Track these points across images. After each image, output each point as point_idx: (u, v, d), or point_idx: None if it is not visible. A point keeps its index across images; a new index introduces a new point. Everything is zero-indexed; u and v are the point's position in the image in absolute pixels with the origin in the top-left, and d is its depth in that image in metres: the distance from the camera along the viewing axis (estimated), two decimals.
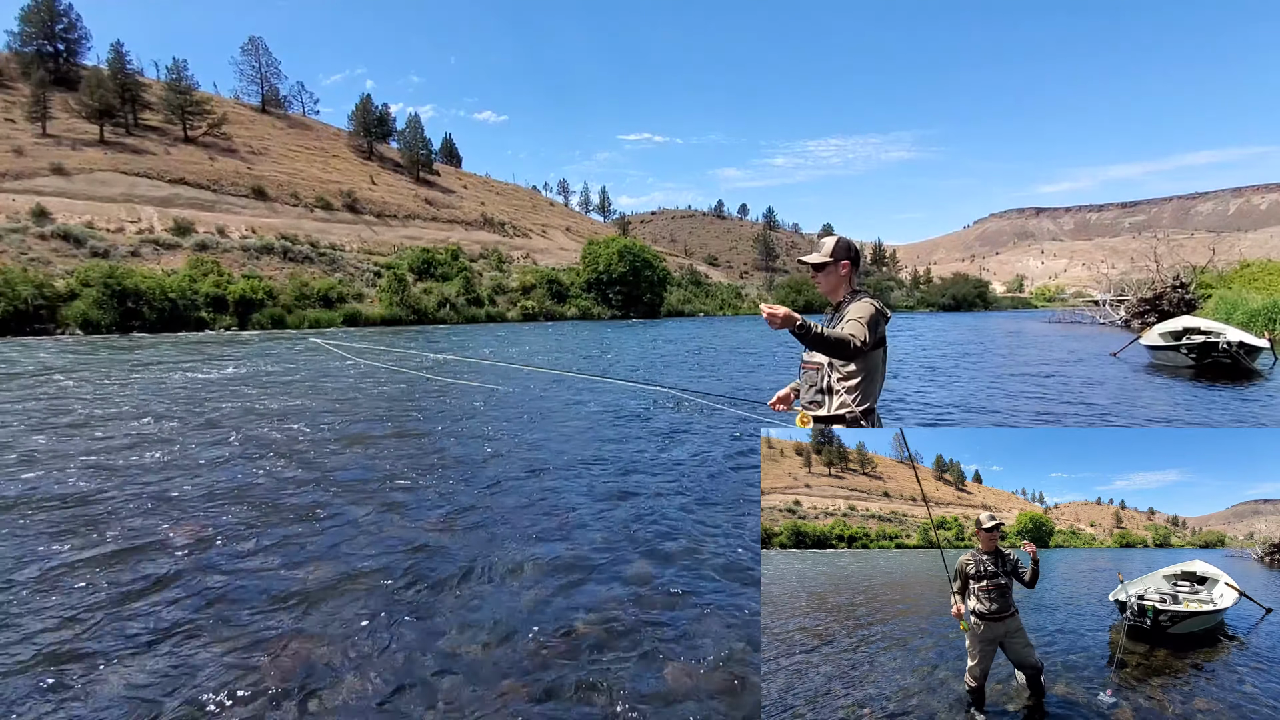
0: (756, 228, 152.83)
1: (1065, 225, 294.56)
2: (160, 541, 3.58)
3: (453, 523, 3.91)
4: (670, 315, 55.75)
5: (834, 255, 2.62)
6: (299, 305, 35.22)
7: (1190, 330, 12.75)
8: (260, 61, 74.47)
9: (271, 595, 2.96)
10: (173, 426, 6.78)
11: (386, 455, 5.59)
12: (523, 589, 3.03)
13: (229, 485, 4.66)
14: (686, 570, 3.24)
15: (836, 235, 2.67)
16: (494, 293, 47.55)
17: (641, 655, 2.46)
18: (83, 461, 5.25)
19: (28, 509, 4.10)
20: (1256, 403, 8.32)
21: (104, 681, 2.31)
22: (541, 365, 14.01)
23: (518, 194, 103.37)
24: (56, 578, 3.11)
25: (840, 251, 2.62)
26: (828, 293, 2.68)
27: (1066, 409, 7.91)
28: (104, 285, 27.25)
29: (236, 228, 44.29)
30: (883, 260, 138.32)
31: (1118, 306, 31.69)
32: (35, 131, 46.27)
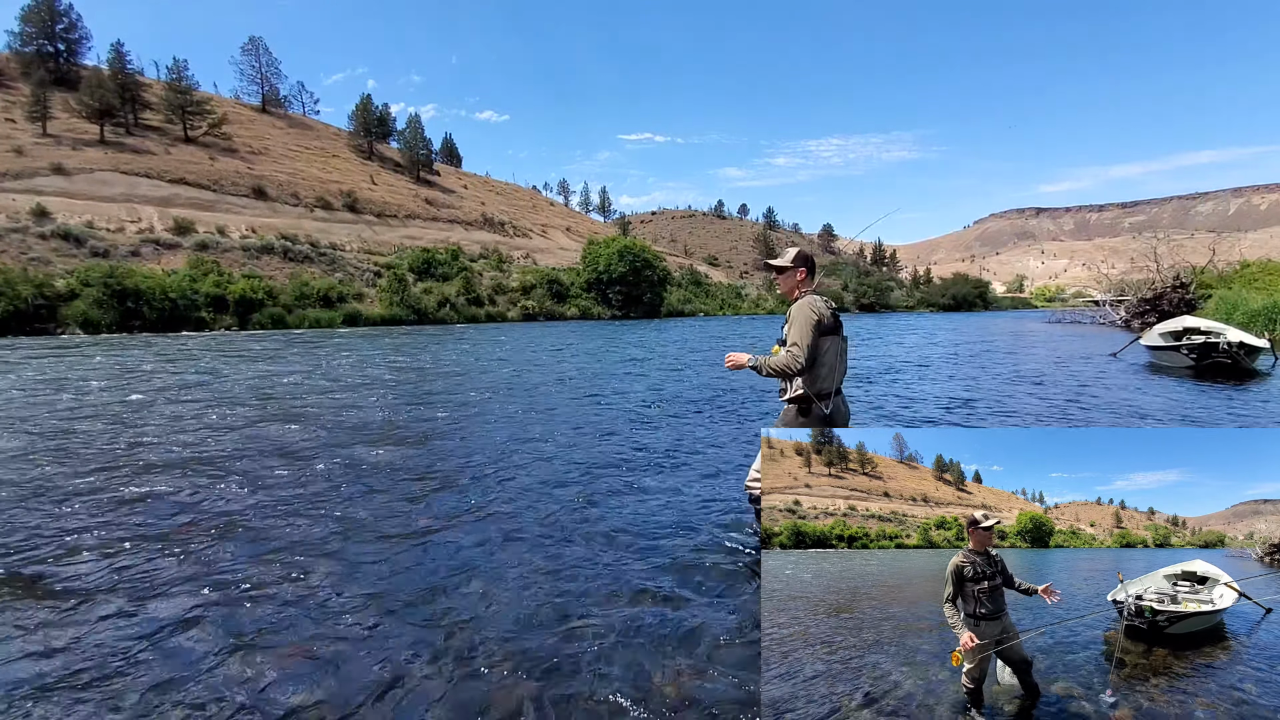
0: (756, 228, 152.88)
1: (1065, 225, 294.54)
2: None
3: (450, 521, 3.92)
4: (670, 315, 55.73)
5: (794, 262, 3.19)
6: (299, 305, 35.22)
7: (1190, 330, 12.73)
8: (260, 61, 74.46)
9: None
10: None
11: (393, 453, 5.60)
12: (520, 589, 3.03)
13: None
14: (686, 570, 3.24)
15: (798, 248, 3.30)
16: (494, 293, 47.54)
17: (640, 655, 2.46)
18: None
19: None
20: (1257, 403, 8.32)
21: (107, 680, 2.31)
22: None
23: (518, 194, 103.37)
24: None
25: (799, 260, 3.20)
26: (786, 291, 3.26)
27: (1067, 409, 7.91)
28: (104, 285, 27.25)
29: (237, 228, 44.29)
30: (883, 260, 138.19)
31: (1118, 306, 31.68)
32: (35, 131, 46.27)
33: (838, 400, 3.11)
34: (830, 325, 3.03)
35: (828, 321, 3.02)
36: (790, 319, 3.04)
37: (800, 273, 3.18)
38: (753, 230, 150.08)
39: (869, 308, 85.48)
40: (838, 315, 3.15)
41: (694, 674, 2.33)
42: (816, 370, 3.03)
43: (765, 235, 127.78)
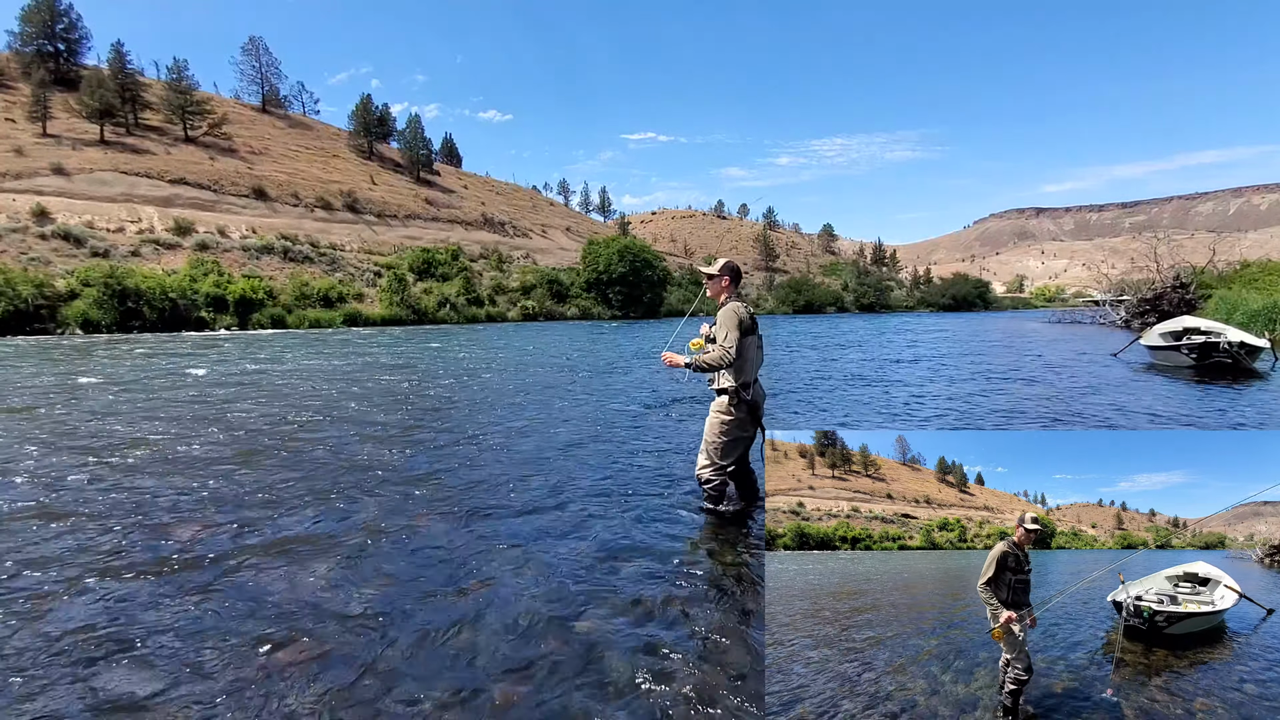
0: (757, 227, 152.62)
1: (1065, 225, 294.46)
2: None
3: (448, 519, 3.93)
4: (670, 315, 55.76)
5: (720, 272, 3.89)
6: (299, 305, 35.24)
7: (1190, 330, 12.74)
8: (260, 61, 74.44)
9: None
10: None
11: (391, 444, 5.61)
12: (520, 589, 3.04)
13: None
14: (688, 571, 3.25)
15: (726, 259, 3.94)
16: (494, 293, 47.55)
17: (642, 656, 2.48)
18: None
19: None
20: (1257, 403, 8.34)
21: (108, 678, 2.32)
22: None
23: (518, 194, 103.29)
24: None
25: (725, 270, 3.89)
26: (713, 295, 3.96)
27: (1067, 409, 7.92)
28: (104, 285, 27.27)
29: (237, 228, 44.29)
30: (883, 260, 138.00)
31: (1118, 307, 31.68)
32: (35, 131, 46.27)
33: (756, 387, 3.88)
34: (749, 326, 3.71)
35: (747, 323, 3.70)
36: (718, 321, 3.72)
37: (725, 280, 3.87)
38: (753, 230, 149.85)
39: (869, 308, 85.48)
40: (754, 318, 3.84)
41: (696, 675, 2.35)
42: (739, 364, 3.69)
43: (765, 235, 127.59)
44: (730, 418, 3.81)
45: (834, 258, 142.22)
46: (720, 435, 3.84)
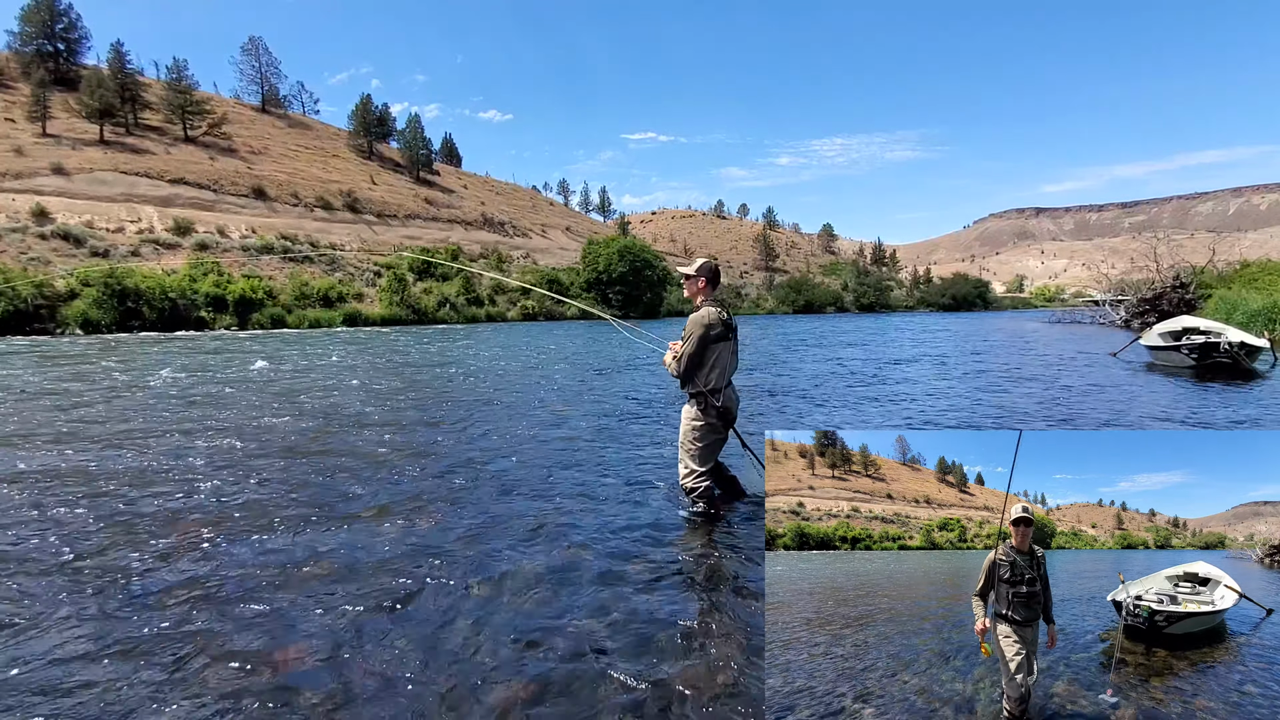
0: (756, 227, 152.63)
1: (1065, 225, 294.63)
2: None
3: (446, 522, 3.93)
4: (670, 315, 55.75)
5: (697, 273, 3.75)
6: (299, 305, 35.25)
7: (1190, 330, 12.73)
8: (260, 61, 74.47)
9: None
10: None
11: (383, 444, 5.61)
12: (520, 589, 3.04)
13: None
14: (688, 571, 3.25)
15: (705, 259, 3.81)
16: (494, 292, 47.56)
17: (642, 657, 2.47)
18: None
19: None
20: (1257, 403, 8.34)
21: (108, 677, 2.32)
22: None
23: (518, 194, 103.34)
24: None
25: (702, 271, 3.76)
26: (689, 295, 3.82)
27: (1067, 409, 7.92)
28: (104, 285, 27.27)
29: (236, 227, 44.31)
30: (883, 260, 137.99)
31: (1118, 306, 31.67)
32: (35, 131, 46.28)
33: (728, 392, 3.81)
34: (720, 333, 3.63)
35: (717, 330, 3.61)
36: (686, 330, 3.65)
37: (701, 281, 3.74)
38: (753, 230, 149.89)
39: (869, 308, 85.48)
40: (728, 322, 3.69)
41: (696, 675, 2.35)
42: (708, 372, 3.67)
43: (765, 235, 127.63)
44: (701, 423, 3.80)
45: (834, 258, 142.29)
46: (695, 441, 3.85)
